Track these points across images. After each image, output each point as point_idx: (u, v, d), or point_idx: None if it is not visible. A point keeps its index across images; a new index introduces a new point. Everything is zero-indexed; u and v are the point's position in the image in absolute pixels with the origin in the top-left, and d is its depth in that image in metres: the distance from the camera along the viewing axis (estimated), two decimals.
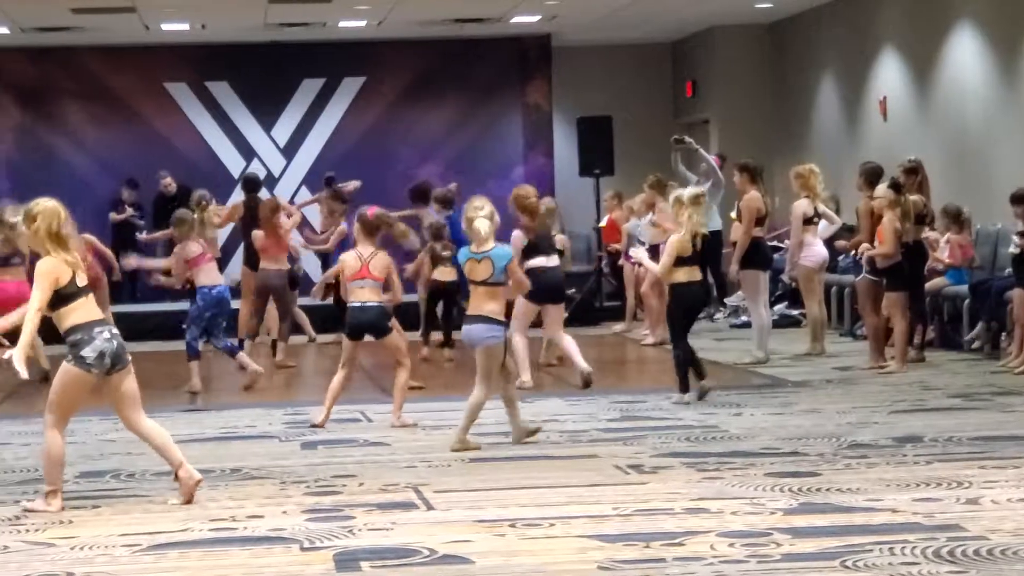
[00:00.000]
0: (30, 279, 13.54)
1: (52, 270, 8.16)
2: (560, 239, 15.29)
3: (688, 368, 12.02)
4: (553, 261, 13.27)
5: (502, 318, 10.13)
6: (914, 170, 15.15)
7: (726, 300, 20.75)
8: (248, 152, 24.11)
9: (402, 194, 18.66)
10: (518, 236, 13.07)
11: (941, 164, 17.19)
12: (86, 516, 8.07)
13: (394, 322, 11.61)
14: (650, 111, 24.82)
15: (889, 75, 19.84)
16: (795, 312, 18.87)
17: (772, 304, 17.16)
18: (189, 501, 8.20)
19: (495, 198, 17.85)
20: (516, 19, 22.32)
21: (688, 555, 6.68)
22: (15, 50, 23.40)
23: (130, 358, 8.31)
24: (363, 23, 22.27)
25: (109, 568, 6.82)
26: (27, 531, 7.69)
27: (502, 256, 10.11)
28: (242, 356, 14.14)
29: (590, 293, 20.98)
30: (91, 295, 8.34)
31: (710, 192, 20.09)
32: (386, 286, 11.46)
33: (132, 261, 15.30)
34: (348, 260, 11.45)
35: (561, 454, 9.71)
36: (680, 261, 11.92)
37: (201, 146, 23.94)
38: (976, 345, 15.12)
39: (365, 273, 11.29)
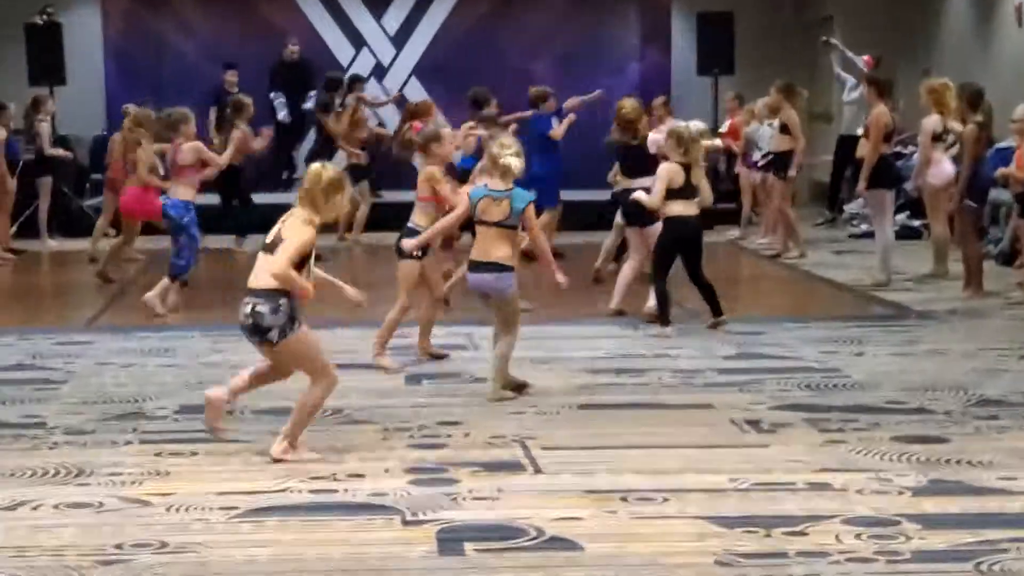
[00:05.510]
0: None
1: None
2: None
3: (668, 304, 11.77)
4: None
5: (512, 264, 9.33)
6: None
7: (845, 207, 20.25)
8: (358, 41, 23.71)
9: (513, 91, 18.18)
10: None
11: None
12: (183, 465, 7.82)
13: None
14: (772, 7, 24.09)
15: None
16: (917, 223, 18.32)
17: (895, 213, 16.60)
18: None
19: (608, 98, 17.37)
20: None
21: (811, 549, 6.29)
22: None
23: None
24: None
25: (204, 538, 6.53)
26: (123, 484, 7.44)
27: (523, 198, 9.33)
28: None
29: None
30: None
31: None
32: None
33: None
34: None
35: (675, 401, 9.34)
36: (672, 193, 11.56)
37: (311, 34, 23.53)
38: None
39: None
